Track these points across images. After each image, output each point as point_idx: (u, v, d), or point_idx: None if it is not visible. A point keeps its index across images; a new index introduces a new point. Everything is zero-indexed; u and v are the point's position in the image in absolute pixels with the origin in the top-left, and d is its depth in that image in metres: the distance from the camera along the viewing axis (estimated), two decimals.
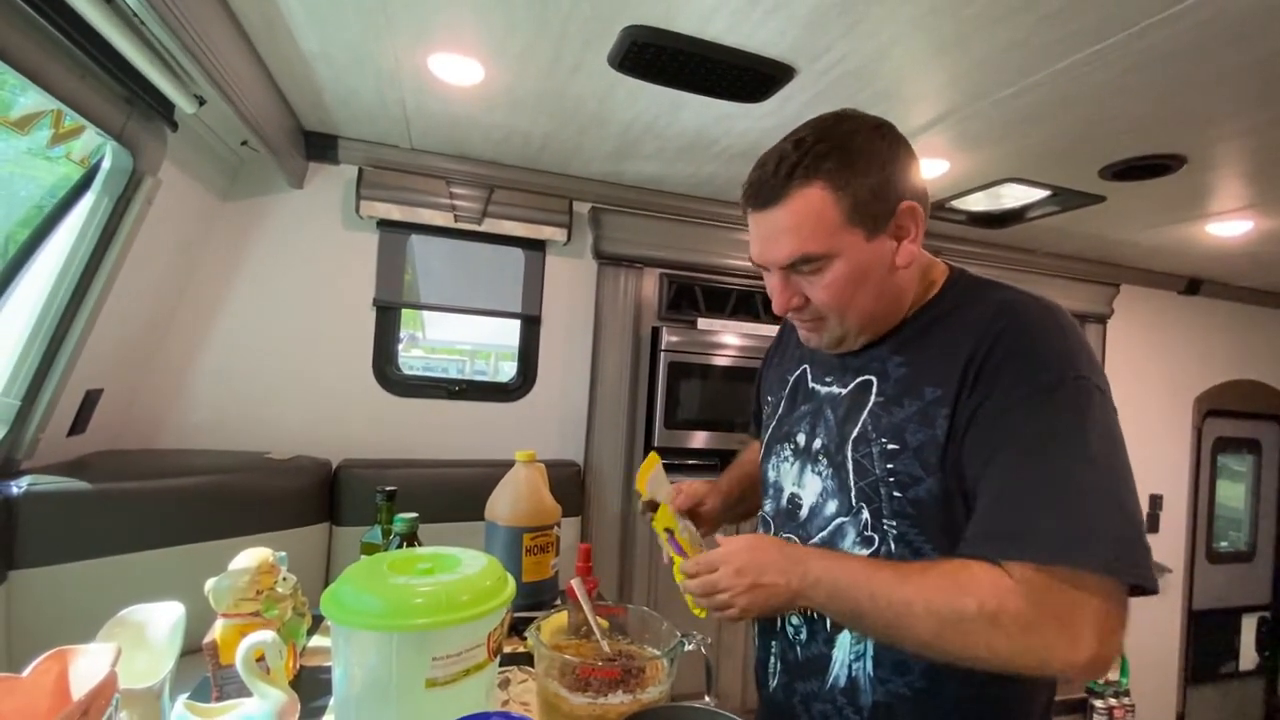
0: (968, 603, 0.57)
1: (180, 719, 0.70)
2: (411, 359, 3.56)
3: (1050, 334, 0.64)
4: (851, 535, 0.70)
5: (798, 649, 0.74)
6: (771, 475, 0.82)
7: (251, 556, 0.92)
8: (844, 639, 0.69)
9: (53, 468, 1.30)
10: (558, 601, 1.20)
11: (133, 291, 1.44)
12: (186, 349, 1.72)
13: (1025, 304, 0.67)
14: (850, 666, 0.68)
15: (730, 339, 2.14)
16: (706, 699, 0.79)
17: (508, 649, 1.03)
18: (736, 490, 0.98)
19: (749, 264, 2.21)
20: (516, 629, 1.10)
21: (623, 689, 0.72)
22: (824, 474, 0.73)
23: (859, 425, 0.70)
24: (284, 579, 1.01)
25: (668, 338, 2.06)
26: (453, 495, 1.70)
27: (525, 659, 0.91)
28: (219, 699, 0.79)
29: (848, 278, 0.68)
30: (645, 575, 2.01)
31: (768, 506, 0.83)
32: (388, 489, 1.00)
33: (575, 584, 0.88)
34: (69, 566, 1.17)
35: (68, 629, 1.16)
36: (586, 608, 0.85)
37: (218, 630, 0.82)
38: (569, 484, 1.91)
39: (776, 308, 0.73)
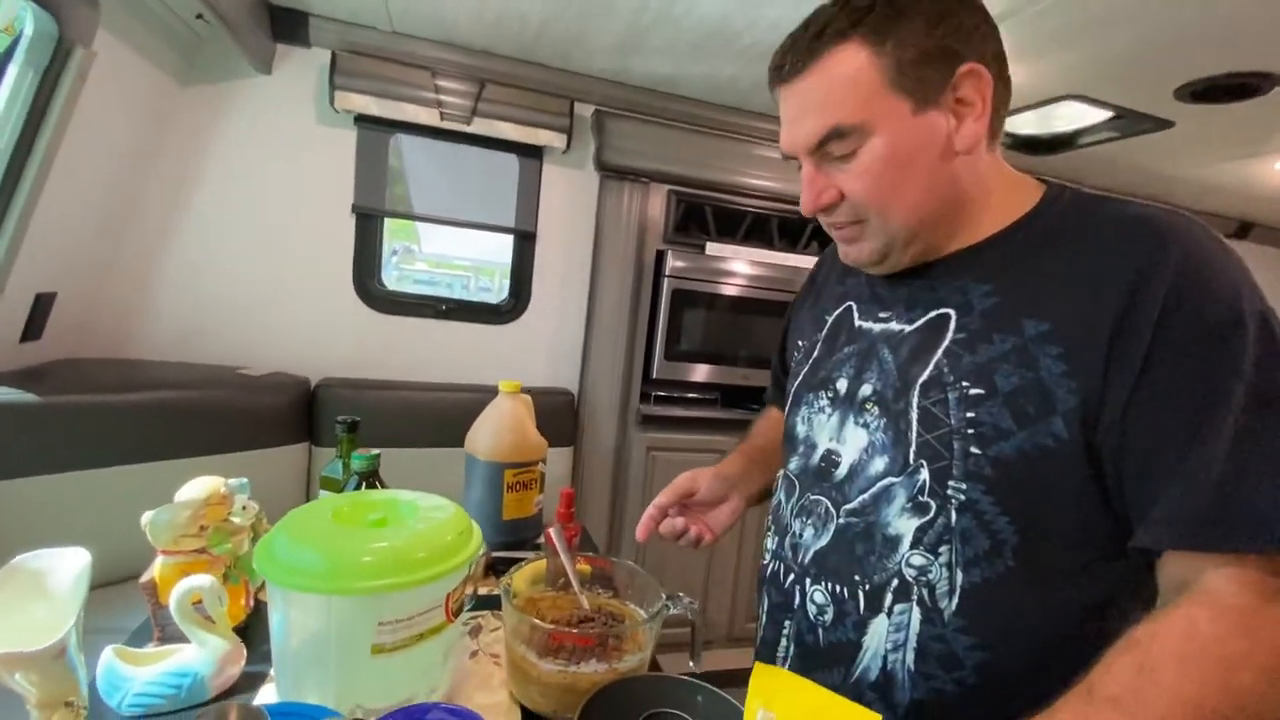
0: (1242, 678, 0.41)
1: (109, 668, 0.63)
2: (416, 272, 3.41)
3: (1221, 262, 0.50)
4: (900, 499, 0.58)
5: (819, 632, 0.64)
6: (801, 429, 0.71)
7: (199, 487, 0.84)
8: (879, 625, 0.59)
9: (5, 376, 1.21)
10: (540, 541, 1.14)
11: (79, 184, 1.29)
12: (149, 253, 1.59)
13: (1180, 226, 0.52)
14: (885, 658, 0.58)
15: (740, 267, 1.98)
16: (690, 664, 0.72)
17: (483, 590, 0.97)
18: (742, 470, 0.85)
19: (766, 184, 2.03)
20: (495, 569, 1.04)
21: (597, 658, 0.65)
22: (874, 425, 0.61)
23: (930, 367, 0.58)
24: (243, 509, 0.94)
25: (673, 262, 1.91)
26: (437, 421, 1.62)
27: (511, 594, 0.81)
28: (161, 641, 0.73)
29: (887, 159, 0.55)
30: (637, 513, 1.97)
31: (793, 464, 0.71)
32: (349, 420, 0.90)
33: (553, 532, 0.79)
34: (25, 481, 1.10)
35: (31, 545, 1.13)
36: (565, 559, 0.78)
37: (156, 568, 0.74)
38: (561, 414, 1.83)
39: (805, 206, 0.61)
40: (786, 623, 0.68)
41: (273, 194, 1.68)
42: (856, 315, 0.69)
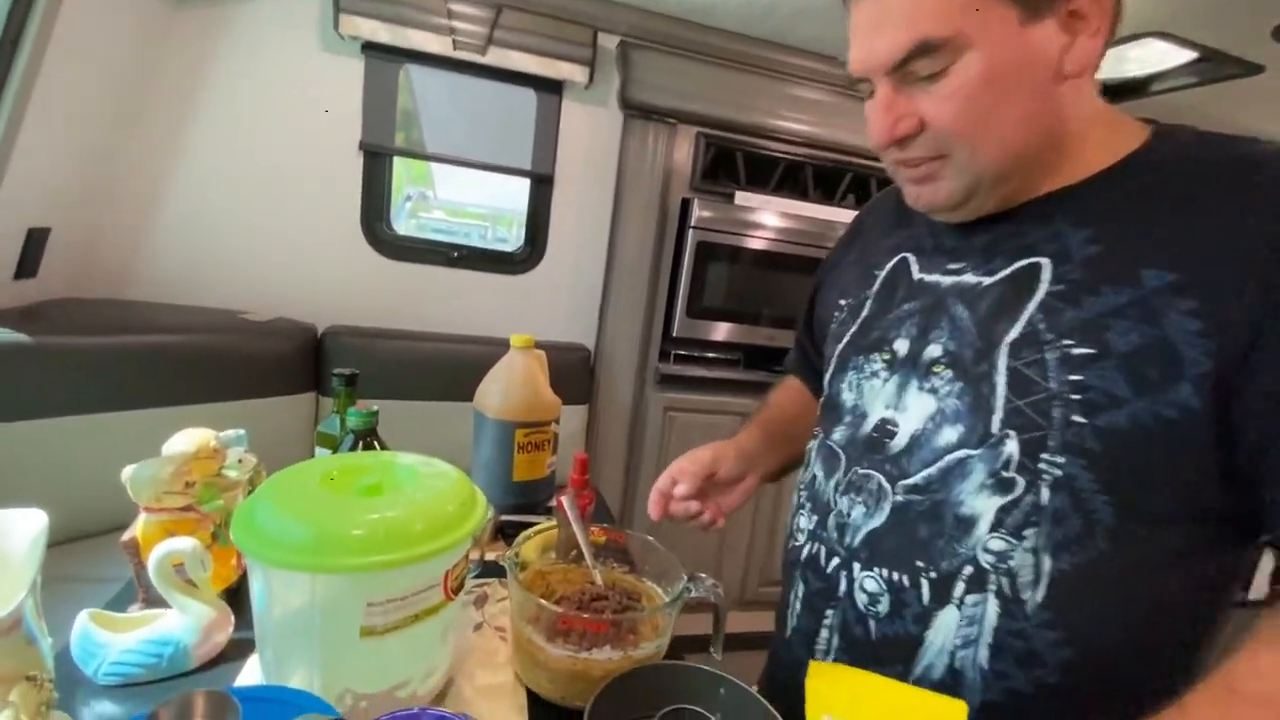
0: None
1: (83, 634, 0.59)
2: (434, 221, 3.31)
3: None
4: (978, 475, 0.50)
5: (870, 624, 0.56)
6: (847, 396, 0.63)
7: (186, 440, 0.78)
8: (947, 618, 0.51)
9: (1, 314, 1.16)
10: (552, 503, 1.08)
11: (65, 114, 1.21)
12: (146, 189, 1.51)
13: None
14: (954, 654, 0.51)
15: (770, 219, 1.86)
16: (711, 652, 0.66)
17: (491, 556, 0.92)
18: (762, 446, 0.78)
19: (803, 128, 1.88)
20: (504, 533, 0.98)
21: (611, 644, 0.59)
22: (944, 391, 0.54)
23: (1021, 323, 0.50)
24: (239, 462, 0.89)
25: (699, 212, 1.79)
26: (447, 374, 1.55)
27: (520, 564, 0.73)
28: (146, 604, 0.68)
29: (984, 80, 0.46)
30: (653, 476, 1.91)
31: (838, 435, 0.63)
32: (346, 372, 0.83)
33: (565, 501, 0.73)
34: (18, 425, 1.06)
35: (23, 491, 1.10)
36: (578, 531, 0.71)
37: (139, 526, 0.69)
38: (576, 370, 1.75)
39: (878, 136, 0.51)
40: (829, 612, 0.61)
41: (274, 129, 1.58)
42: (916, 268, 0.61)
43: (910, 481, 0.54)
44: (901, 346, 0.58)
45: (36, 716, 0.48)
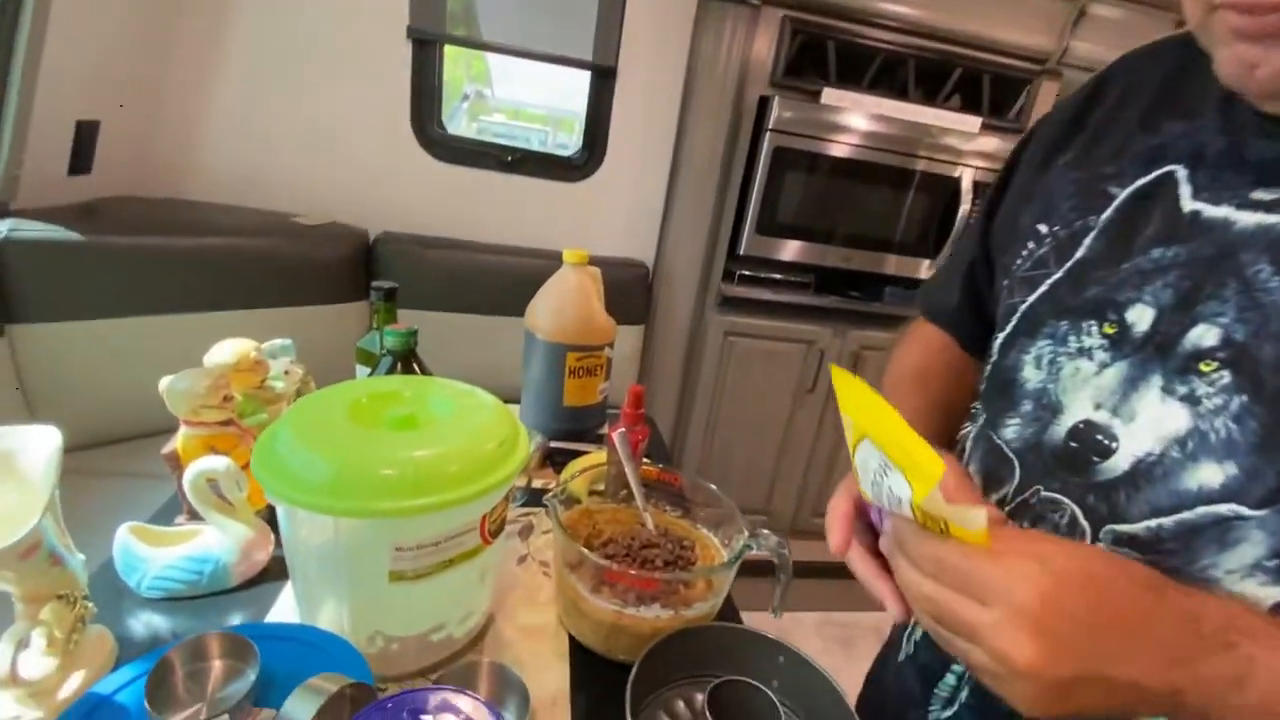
0: None
1: (124, 547, 0.57)
2: (494, 124, 3.16)
3: None
4: (1254, 550, 0.33)
5: None
6: (1031, 376, 0.44)
7: (225, 351, 0.74)
8: None
9: (57, 211, 1.15)
10: (603, 430, 1.02)
11: (106, 1, 1.13)
12: (194, 78, 1.44)
13: None
14: None
15: (860, 122, 1.63)
16: (771, 612, 0.60)
17: (538, 483, 0.88)
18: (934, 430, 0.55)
19: (908, 11, 1.59)
20: (553, 460, 0.94)
21: (660, 603, 0.53)
22: (1214, 403, 0.35)
23: None
24: (285, 373, 0.86)
25: (778, 113, 1.59)
26: (501, 286, 1.49)
27: (567, 499, 0.64)
28: (190, 517, 0.67)
29: None
30: (707, 404, 1.84)
31: (1009, 430, 0.45)
32: (385, 286, 0.77)
33: (617, 437, 0.66)
34: (73, 325, 1.07)
35: (81, 389, 1.14)
36: (629, 470, 0.65)
37: (179, 439, 0.67)
38: (633, 288, 1.66)
39: None
40: (957, 665, 0.48)
41: (321, 17, 1.46)
42: (1188, 191, 0.39)
43: (1128, 529, 0.37)
44: (1141, 317, 0.38)
45: (72, 632, 0.47)
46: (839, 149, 1.65)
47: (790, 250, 1.74)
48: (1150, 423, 0.37)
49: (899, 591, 0.37)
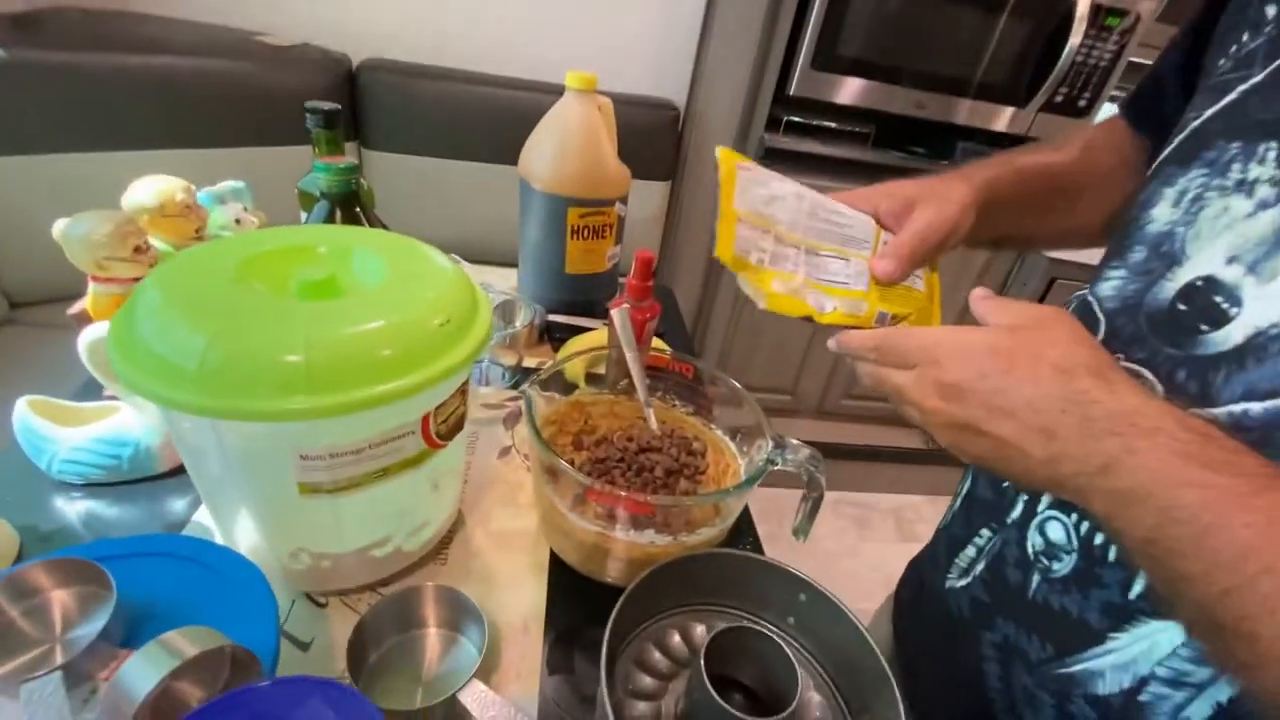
0: None
1: (24, 424, 0.48)
2: None
3: None
4: None
5: (1032, 576, 0.38)
6: (1159, 216, 0.35)
7: (146, 191, 0.61)
8: (1162, 637, 0.31)
9: None
10: (613, 301, 0.89)
11: None
12: None
13: None
14: (1141, 687, 0.32)
15: None
16: (795, 533, 0.50)
17: (533, 362, 0.77)
18: (1007, 192, 0.47)
19: None
20: (552, 336, 0.82)
21: (655, 529, 0.43)
22: None
23: None
24: (235, 221, 0.73)
25: None
26: (500, 127, 1.28)
27: (558, 384, 0.54)
28: (112, 395, 0.58)
29: None
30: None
31: (1108, 285, 0.38)
32: (323, 108, 0.60)
33: (616, 315, 0.52)
34: (13, 160, 0.93)
35: (15, 237, 1.03)
36: (629, 355, 0.52)
37: (88, 297, 0.56)
38: (660, 134, 1.42)
39: None
40: (985, 532, 0.43)
41: None
42: None
43: (1208, 413, 0.30)
44: None
45: None
46: None
47: (850, 91, 1.46)
48: None
49: None
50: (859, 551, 1.79)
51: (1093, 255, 0.45)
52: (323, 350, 0.32)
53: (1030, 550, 0.37)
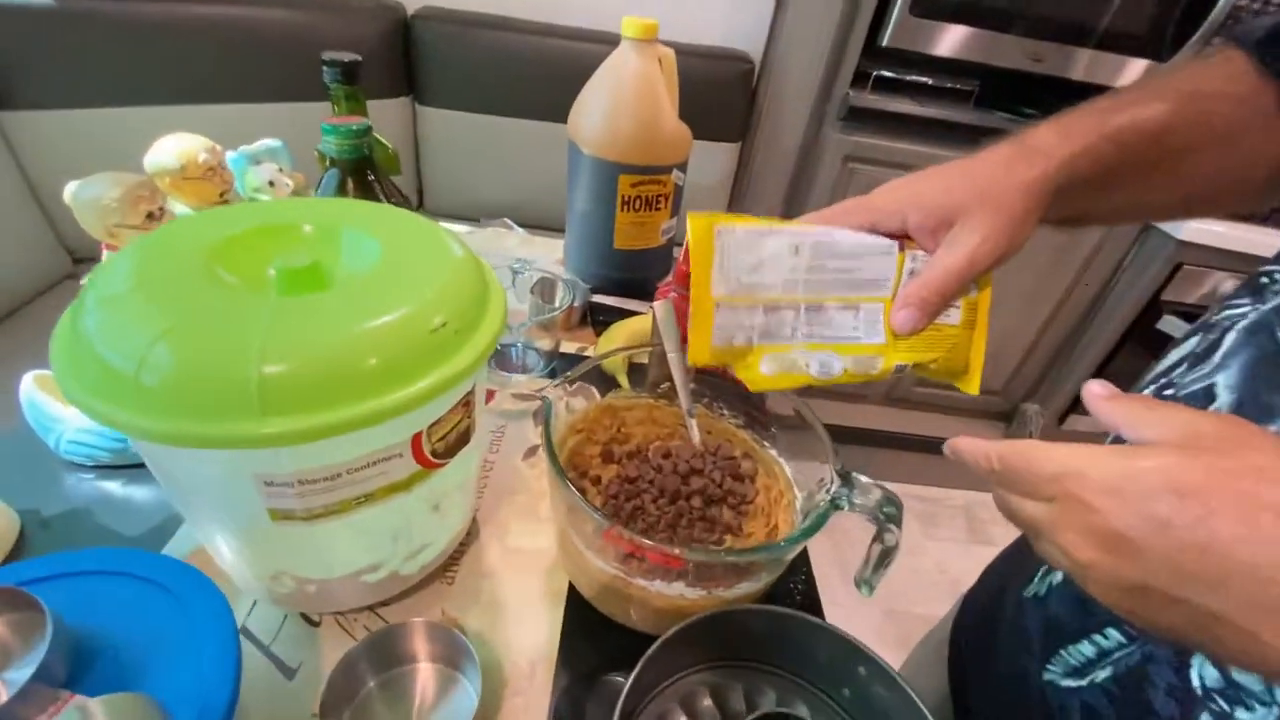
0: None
1: (30, 400, 0.46)
2: None
3: None
4: None
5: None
6: None
7: (167, 151, 0.57)
8: None
9: None
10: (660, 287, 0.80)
11: None
12: None
13: None
14: None
15: None
16: (858, 588, 0.41)
17: (573, 347, 0.70)
18: (1095, 169, 0.34)
19: None
20: (595, 319, 0.74)
21: (685, 582, 0.35)
22: None
23: None
24: (269, 183, 0.69)
25: None
26: (561, 81, 1.19)
27: (596, 379, 0.46)
28: None
29: None
30: None
31: None
32: (343, 59, 0.54)
33: (659, 309, 0.44)
34: (27, 116, 0.93)
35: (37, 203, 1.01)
36: (672, 359, 0.44)
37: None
38: (730, 90, 1.29)
39: None
40: (1112, 633, 0.33)
41: None
42: None
43: None
44: None
45: None
46: None
47: (952, 41, 1.27)
48: None
49: None
50: (923, 550, 1.67)
51: (1228, 234, 0.33)
52: (281, 363, 0.26)
53: (1197, 684, 0.28)
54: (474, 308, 0.34)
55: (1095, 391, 0.26)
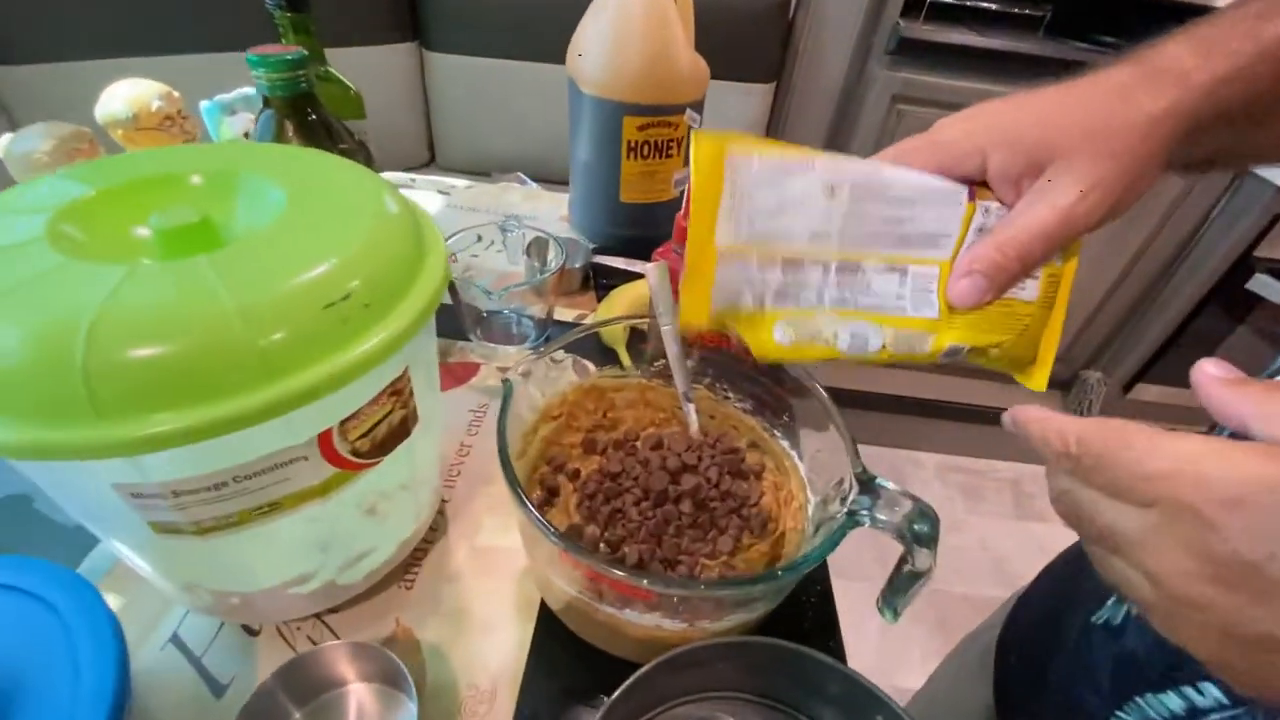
0: None
1: None
2: None
3: None
4: None
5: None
6: None
7: (117, 99, 0.52)
8: None
9: None
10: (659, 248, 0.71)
11: None
12: None
13: None
14: None
15: None
16: (880, 612, 0.34)
17: (568, 314, 0.63)
18: (1244, 96, 0.25)
19: None
20: (597, 281, 0.67)
21: (662, 613, 0.29)
22: None
23: None
24: (244, 135, 0.63)
25: None
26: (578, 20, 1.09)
27: (594, 352, 0.40)
28: None
29: None
30: None
31: None
32: None
33: (654, 272, 0.37)
34: (49, 67, 0.89)
35: None
36: (668, 335, 0.37)
37: None
38: (764, 23, 1.15)
39: None
40: (1213, 689, 0.27)
41: None
42: None
43: None
44: None
45: None
46: None
47: None
48: None
49: None
50: (966, 526, 1.58)
51: None
52: (120, 346, 0.20)
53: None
54: (398, 274, 0.27)
55: (1210, 373, 0.19)
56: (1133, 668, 0.31)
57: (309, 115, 0.40)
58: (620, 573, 0.26)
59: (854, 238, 0.27)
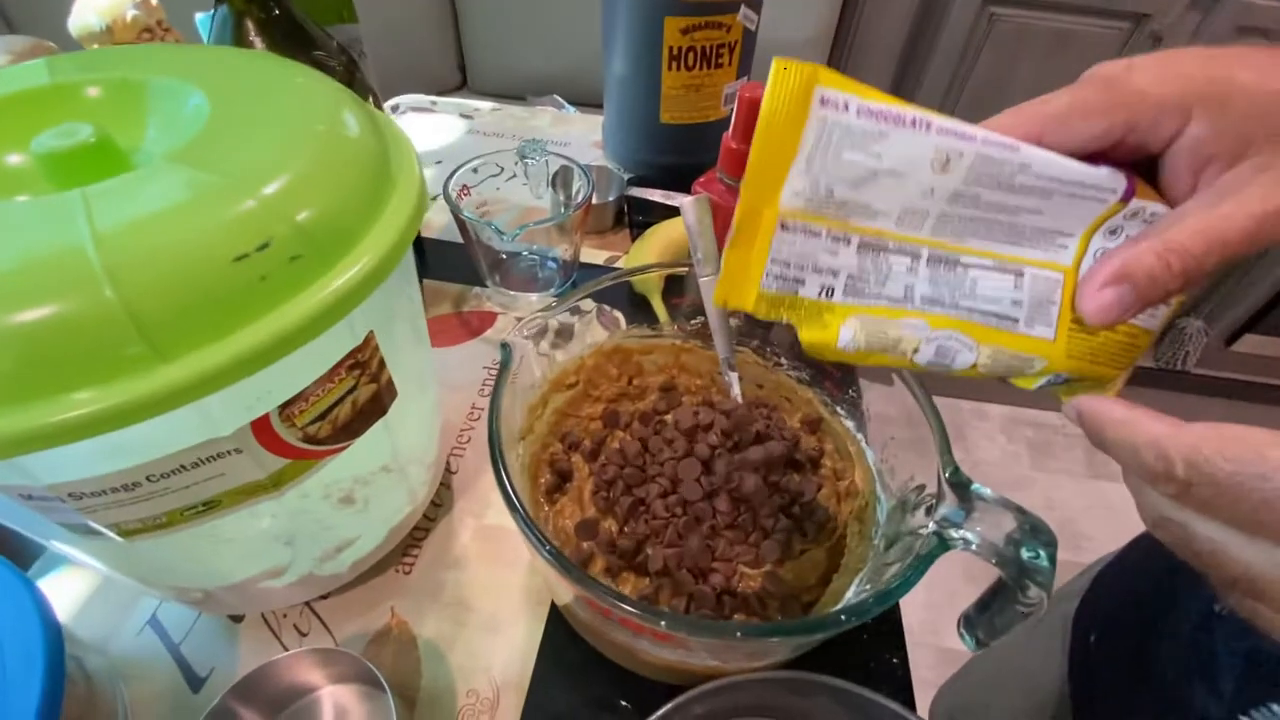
0: None
1: None
2: None
3: None
4: None
5: None
6: None
7: (91, 7, 0.46)
8: None
9: None
10: (712, 176, 0.61)
11: None
12: None
13: None
14: None
15: None
16: (962, 639, 0.27)
17: (597, 256, 0.55)
18: None
19: None
20: (632, 217, 0.59)
21: (686, 649, 0.23)
22: None
23: None
24: None
25: None
26: None
27: (625, 303, 0.34)
28: None
29: None
30: None
31: None
32: None
33: (691, 208, 0.29)
34: None
35: None
36: (705, 285, 0.29)
37: None
38: None
39: None
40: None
41: None
42: None
43: None
44: None
45: None
46: None
47: None
48: None
49: None
50: (1032, 483, 1.47)
51: None
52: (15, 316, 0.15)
53: None
54: (348, 217, 0.20)
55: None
56: (1267, 669, 0.25)
57: (273, 10, 0.33)
58: (629, 609, 0.20)
59: (957, 223, 0.19)
